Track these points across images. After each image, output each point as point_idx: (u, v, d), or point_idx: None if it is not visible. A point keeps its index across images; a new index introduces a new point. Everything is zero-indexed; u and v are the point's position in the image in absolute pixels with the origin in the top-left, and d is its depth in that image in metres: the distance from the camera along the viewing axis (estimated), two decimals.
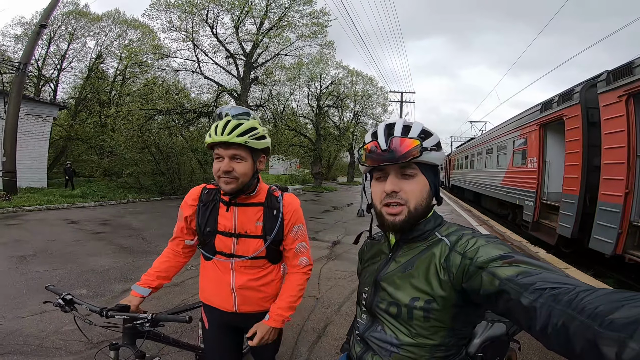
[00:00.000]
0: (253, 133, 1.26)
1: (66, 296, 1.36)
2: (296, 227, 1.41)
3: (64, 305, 1.34)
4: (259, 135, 1.29)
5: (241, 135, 1.23)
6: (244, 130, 1.24)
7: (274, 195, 1.42)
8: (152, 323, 1.28)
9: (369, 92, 30.59)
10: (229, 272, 1.40)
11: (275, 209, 1.38)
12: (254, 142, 1.26)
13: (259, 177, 1.41)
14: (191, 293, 3.99)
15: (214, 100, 17.01)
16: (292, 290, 1.41)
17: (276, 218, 1.37)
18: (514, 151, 9.90)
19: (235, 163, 1.26)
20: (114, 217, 9.45)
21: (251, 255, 1.36)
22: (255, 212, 1.38)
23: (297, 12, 16.21)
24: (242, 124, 1.25)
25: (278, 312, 1.36)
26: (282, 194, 1.43)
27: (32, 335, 2.87)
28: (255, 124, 1.29)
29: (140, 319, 1.29)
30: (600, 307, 0.46)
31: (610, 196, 5.14)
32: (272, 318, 1.35)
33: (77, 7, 22.52)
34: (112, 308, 1.35)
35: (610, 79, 5.23)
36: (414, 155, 0.82)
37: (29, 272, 4.52)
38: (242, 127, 1.24)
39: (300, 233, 1.43)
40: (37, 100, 15.16)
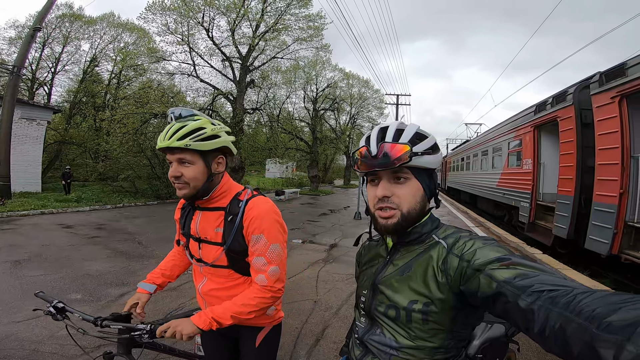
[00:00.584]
0: (197, 134, 1.16)
1: (57, 304, 1.30)
2: (254, 237, 1.22)
3: (55, 314, 1.28)
4: (206, 135, 1.18)
5: (182, 138, 1.15)
6: (185, 133, 1.15)
7: (238, 199, 1.28)
8: (151, 334, 1.21)
9: (365, 94, 30.74)
10: (201, 277, 1.38)
11: (234, 215, 1.25)
12: (197, 144, 1.16)
13: (226, 179, 1.32)
14: (188, 297, 3.97)
15: (210, 104, 17.00)
16: (237, 300, 1.22)
17: (232, 223, 1.24)
18: (509, 153, 9.96)
19: (183, 168, 1.20)
20: (109, 222, 9.39)
21: (211, 262, 1.29)
22: (216, 218, 1.28)
23: (293, 15, 16.29)
24: (185, 125, 1.16)
25: (207, 311, 1.20)
26: (248, 199, 1.27)
27: (28, 340, 2.85)
28: (203, 123, 1.19)
29: (139, 330, 1.22)
30: (598, 310, 0.46)
31: (605, 196, 5.18)
32: (198, 314, 1.20)
33: (72, 10, 22.43)
34: (107, 317, 1.29)
35: (603, 80, 5.28)
36: (404, 160, 0.82)
37: (23, 277, 4.47)
38: (184, 130, 1.15)
39: (259, 245, 1.22)
40: (31, 104, 15.05)
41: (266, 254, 1.22)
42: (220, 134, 1.23)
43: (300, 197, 19.63)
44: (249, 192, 1.31)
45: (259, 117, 20.30)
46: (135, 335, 1.22)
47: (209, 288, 1.35)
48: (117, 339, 1.28)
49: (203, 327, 1.15)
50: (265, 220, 1.23)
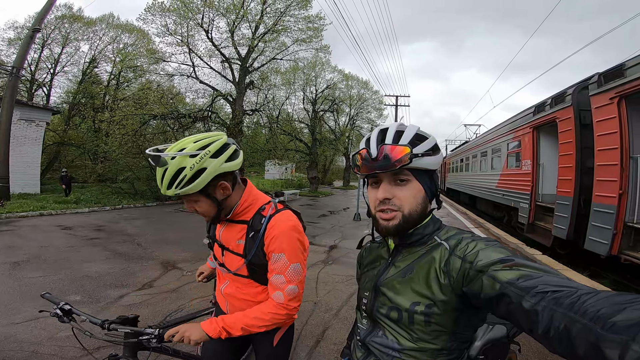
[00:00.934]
0: (179, 180, 1.10)
1: (64, 306, 1.29)
2: (275, 255, 1.21)
3: (61, 316, 1.27)
4: (188, 178, 1.10)
5: (169, 186, 1.11)
6: (168, 181, 1.11)
7: (261, 215, 1.26)
8: (159, 338, 1.21)
9: (364, 96, 30.76)
10: (224, 279, 1.41)
11: (255, 231, 1.24)
12: (184, 190, 1.11)
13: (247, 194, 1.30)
14: (187, 298, 3.96)
15: (210, 105, 16.99)
16: (250, 312, 1.21)
17: (253, 240, 1.24)
18: (508, 154, 9.98)
19: (192, 204, 1.20)
20: (108, 223, 9.37)
21: (233, 270, 1.32)
22: (239, 230, 1.29)
23: (293, 16, 16.31)
24: (166, 170, 1.10)
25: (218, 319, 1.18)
26: (271, 214, 1.25)
27: (27, 341, 2.85)
28: (181, 162, 1.09)
29: (147, 334, 1.22)
30: (603, 310, 0.46)
31: (605, 197, 5.19)
32: (209, 321, 1.18)
33: (71, 11, 22.43)
34: (115, 321, 1.28)
35: (602, 81, 5.30)
36: (404, 162, 0.82)
37: (22, 278, 4.46)
38: (167, 176, 1.10)
39: (279, 264, 1.21)
40: (30, 105, 15.01)
41: (285, 273, 1.21)
42: (205, 164, 1.11)
43: (299, 199, 19.62)
44: (273, 206, 1.28)
45: (258, 118, 20.30)
46: (143, 340, 1.22)
47: (230, 290, 1.38)
48: (123, 342, 1.27)
49: (212, 335, 1.14)
50: (286, 240, 1.21)
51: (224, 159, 1.16)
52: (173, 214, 11.65)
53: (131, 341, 1.25)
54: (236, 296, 1.35)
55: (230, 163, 1.18)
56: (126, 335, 1.26)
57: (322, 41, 17.90)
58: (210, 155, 1.12)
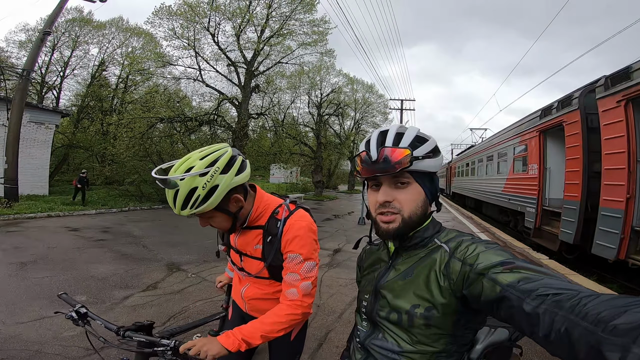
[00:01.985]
0: (193, 200, 1.10)
1: (80, 309, 1.27)
2: (291, 255, 1.24)
3: (77, 319, 1.26)
4: (202, 196, 1.10)
5: (183, 207, 1.11)
6: (182, 203, 1.10)
7: (276, 219, 1.28)
8: (175, 351, 1.16)
9: (369, 100, 30.79)
10: (244, 282, 1.45)
11: (272, 235, 1.27)
12: (200, 209, 1.12)
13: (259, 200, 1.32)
14: (191, 300, 3.97)
15: (216, 109, 17.11)
16: (265, 318, 1.21)
17: (272, 244, 1.27)
18: (515, 158, 9.90)
19: (206, 220, 1.23)
20: (114, 225, 9.45)
21: (254, 274, 1.36)
22: (255, 236, 1.32)
23: (298, 20, 16.41)
24: (177, 191, 1.09)
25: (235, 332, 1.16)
26: (286, 217, 1.27)
27: (32, 341, 2.87)
28: (192, 182, 1.09)
29: (162, 345, 1.18)
30: (604, 313, 0.46)
31: (612, 201, 5.13)
32: (226, 334, 1.15)
33: (81, 14, 22.79)
34: (130, 327, 1.26)
35: (609, 84, 5.25)
36: (405, 164, 0.82)
37: (29, 279, 4.51)
38: (179, 198, 1.10)
39: (293, 263, 1.24)
40: (39, 108, 15.23)
41: (300, 271, 1.24)
42: (217, 181, 1.12)
43: (304, 203, 19.61)
44: (286, 208, 1.31)
45: (263, 122, 20.38)
46: (158, 351, 1.19)
47: (251, 294, 1.41)
48: (136, 351, 1.25)
49: (231, 349, 1.12)
50: (302, 241, 1.25)
51: (234, 173, 1.16)
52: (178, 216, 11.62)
53: (145, 351, 1.23)
54: (257, 297, 1.39)
55: (239, 176, 1.19)
56: (140, 344, 1.24)
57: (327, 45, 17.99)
58: (220, 171, 1.12)
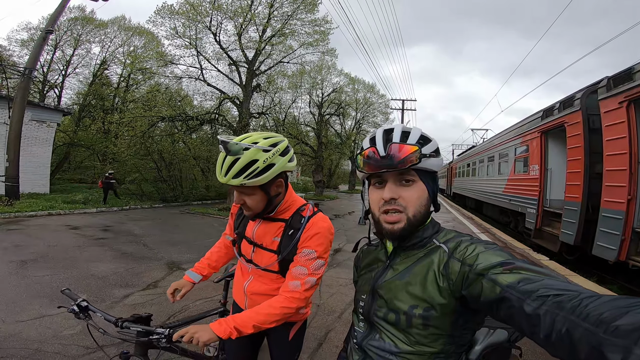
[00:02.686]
0: (250, 171, 1.16)
1: (82, 303, 1.32)
2: (306, 250, 1.28)
3: (78, 312, 1.31)
4: (260, 169, 1.17)
5: (236, 175, 1.16)
6: (238, 170, 1.16)
7: (301, 215, 1.34)
8: (169, 339, 1.23)
9: (370, 100, 30.77)
10: (247, 276, 1.46)
11: (295, 230, 1.31)
12: (252, 181, 1.17)
13: (289, 195, 1.37)
14: (191, 299, 3.97)
15: (217, 108, 17.10)
16: (260, 309, 1.23)
17: (292, 238, 1.31)
18: (516, 159, 9.89)
19: (245, 196, 1.26)
20: (115, 224, 9.46)
21: (264, 266, 1.37)
22: (277, 228, 1.35)
23: (300, 20, 16.37)
24: (238, 160, 1.15)
25: (227, 319, 1.18)
26: (310, 215, 1.33)
27: (31, 340, 2.87)
28: (255, 155, 1.16)
29: (157, 334, 1.24)
30: (605, 314, 0.46)
31: (613, 203, 5.12)
32: (219, 322, 1.17)
33: (84, 13, 22.80)
34: (128, 319, 1.32)
35: (611, 85, 5.24)
36: (413, 161, 0.81)
37: (29, 277, 4.52)
38: (237, 167, 1.16)
39: (306, 258, 1.28)
40: (41, 106, 15.24)
41: (310, 266, 1.28)
42: (275, 160, 1.20)
43: None
44: (311, 208, 1.38)
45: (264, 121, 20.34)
46: (153, 339, 1.24)
47: (254, 288, 1.43)
48: (135, 341, 1.29)
49: (222, 336, 1.14)
50: (321, 239, 1.30)
51: (288, 159, 1.26)
52: (179, 215, 11.72)
53: (142, 340, 1.27)
54: (260, 292, 1.40)
55: (290, 163, 1.28)
56: (138, 334, 1.29)
57: (329, 45, 17.96)
58: (279, 153, 1.21)
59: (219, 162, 1.20)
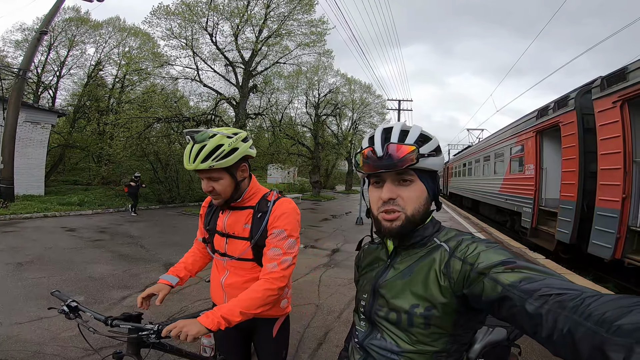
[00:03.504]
0: (217, 154, 1.26)
1: (71, 303, 1.32)
2: (276, 231, 1.35)
3: (68, 312, 1.30)
4: (225, 152, 1.27)
5: (205, 160, 1.25)
6: (206, 154, 1.25)
7: (267, 200, 1.42)
8: (158, 334, 1.23)
9: (366, 100, 30.79)
10: (223, 271, 1.48)
11: (262, 213, 1.39)
12: (219, 163, 1.27)
13: (253, 182, 1.45)
14: (190, 300, 3.96)
15: (213, 109, 17.07)
16: (243, 295, 1.25)
17: (261, 221, 1.38)
18: (511, 158, 9.95)
19: (213, 182, 1.33)
20: (112, 225, 9.41)
21: (237, 255, 1.40)
22: (245, 216, 1.41)
23: (296, 20, 16.39)
24: (205, 146, 1.25)
25: (214, 310, 1.20)
26: (275, 199, 1.41)
27: (30, 342, 2.86)
28: (220, 140, 1.27)
29: (146, 330, 1.25)
30: (608, 313, 0.46)
31: (608, 201, 5.16)
32: (205, 314, 1.19)
33: (78, 13, 22.60)
34: (118, 317, 1.31)
35: (605, 85, 5.29)
36: (411, 161, 0.81)
37: (26, 279, 4.49)
38: (205, 151, 1.25)
39: (277, 238, 1.34)
40: (36, 107, 15.09)
41: (283, 245, 1.34)
42: (238, 145, 1.31)
43: (301, 203, 19.61)
44: (275, 193, 1.46)
45: (261, 122, 20.33)
46: (142, 335, 1.24)
47: (231, 281, 1.45)
48: (126, 339, 1.29)
49: (211, 327, 1.15)
50: (288, 218, 1.37)
51: (249, 145, 1.37)
52: (176, 216, 11.68)
53: (132, 337, 1.27)
54: (237, 285, 1.42)
55: (252, 150, 1.40)
56: (129, 332, 1.29)
57: (325, 45, 17.99)
58: (241, 139, 1.33)
59: (187, 152, 1.28)
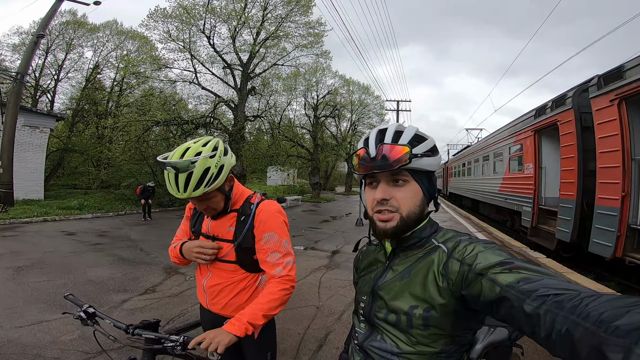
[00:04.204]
0: (207, 178, 1.23)
1: (88, 309, 1.29)
2: (266, 235, 1.36)
3: (85, 319, 1.28)
4: (215, 174, 1.25)
5: (196, 188, 1.22)
6: (196, 182, 1.22)
7: (250, 202, 1.43)
8: (184, 346, 1.19)
9: (365, 101, 30.77)
10: (206, 273, 1.48)
11: (246, 216, 1.40)
12: (212, 187, 1.26)
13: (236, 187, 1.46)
14: (191, 303, 3.96)
15: (212, 111, 17.07)
16: (261, 298, 1.29)
17: (245, 223, 1.38)
18: (510, 157, 9.96)
19: (206, 202, 1.33)
20: (111, 229, 9.40)
21: (221, 256, 1.41)
22: (229, 218, 1.42)
23: (294, 22, 16.43)
24: (192, 173, 1.21)
25: (238, 317, 1.22)
26: (258, 202, 1.43)
27: (30, 345, 2.85)
28: (205, 163, 1.23)
29: (172, 341, 1.20)
30: (606, 313, 0.46)
31: (608, 200, 5.17)
32: (230, 322, 1.21)
33: (75, 17, 22.59)
34: (138, 325, 1.29)
35: (602, 84, 5.30)
36: (403, 162, 0.81)
37: (26, 283, 4.48)
38: (194, 179, 1.21)
39: (271, 243, 1.36)
40: (34, 111, 15.06)
41: (279, 248, 1.36)
42: (223, 162, 1.29)
43: (301, 205, 19.60)
44: (259, 196, 1.48)
45: (260, 124, 20.34)
46: (168, 347, 1.21)
47: (213, 282, 1.45)
48: (145, 348, 1.27)
49: (239, 334, 1.17)
50: (274, 220, 1.39)
51: (230, 155, 1.35)
52: (175, 219, 11.65)
53: (155, 347, 1.24)
54: (219, 288, 1.43)
55: (233, 158, 1.37)
56: (151, 341, 1.26)
57: (323, 47, 18.02)
58: (223, 154, 1.30)
59: (171, 181, 1.23)
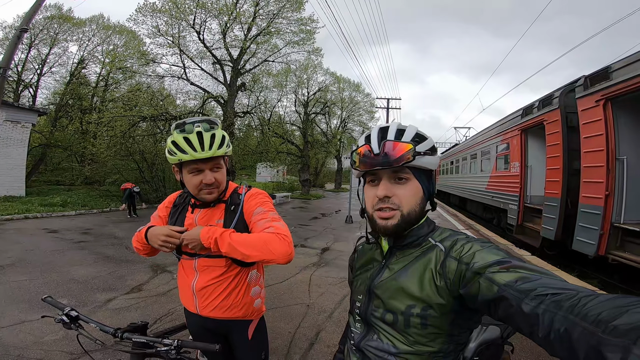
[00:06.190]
0: (227, 142, 1.31)
1: (70, 312, 1.21)
2: (256, 210, 1.35)
3: (68, 323, 1.20)
4: (227, 140, 1.33)
5: (220, 147, 1.27)
6: (219, 142, 1.27)
7: (238, 193, 1.43)
8: (178, 350, 1.16)
9: (355, 98, 30.83)
10: (193, 273, 1.40)
11: (235, 205, 1.39)
12: (230, 150, 1.34)
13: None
14: (178, 302, 3.88)
15: (200, 107, 16.84)
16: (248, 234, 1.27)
17: (235, 213, 1.37)
18: (497, 156, 10.11)
19: (216, 173, 1.32)
20: (95, 226, 9.21)
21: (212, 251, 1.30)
22: (218, 211, 1.40)
23: (285, 18, 16.30)
24: (215, 134, 1.27)
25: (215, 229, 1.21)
26: (246, 191, 1.43)
27: (12, 346, 2.78)
28: (219, 129, 1.32)
29: (165, 345, 1.16)
30: (604, 313, 0.46)
31: (592, 198, 5.28)
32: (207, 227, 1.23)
33: (61, 11, 21.98)
34: (127, 329, 1.23)
35: (588, 84, 5.40)
36: (407, 159, 0.81)
37: (7, 282, 4.35)
38: (217, 139, 1.27)
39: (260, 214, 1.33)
40: (16, 106, 14.62)
41: (268, 216, 1.32)
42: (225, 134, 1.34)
43: (291, 201, 19.56)
44: (245, 187, 1.48)
45: (249, 120, 20.18)
46: (161, 351, 1.16)
47: (203, 282, 1.37)
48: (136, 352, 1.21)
49: (204, 243, 1.20)
50: (260, 199, 1.40)
51: None
52: None
53: (147, 352, 1.19)
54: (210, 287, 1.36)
55: None
56: (137, 345, 1.19)
57: (315, 44, 17.96)
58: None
59: (194, 140, 1.22)
